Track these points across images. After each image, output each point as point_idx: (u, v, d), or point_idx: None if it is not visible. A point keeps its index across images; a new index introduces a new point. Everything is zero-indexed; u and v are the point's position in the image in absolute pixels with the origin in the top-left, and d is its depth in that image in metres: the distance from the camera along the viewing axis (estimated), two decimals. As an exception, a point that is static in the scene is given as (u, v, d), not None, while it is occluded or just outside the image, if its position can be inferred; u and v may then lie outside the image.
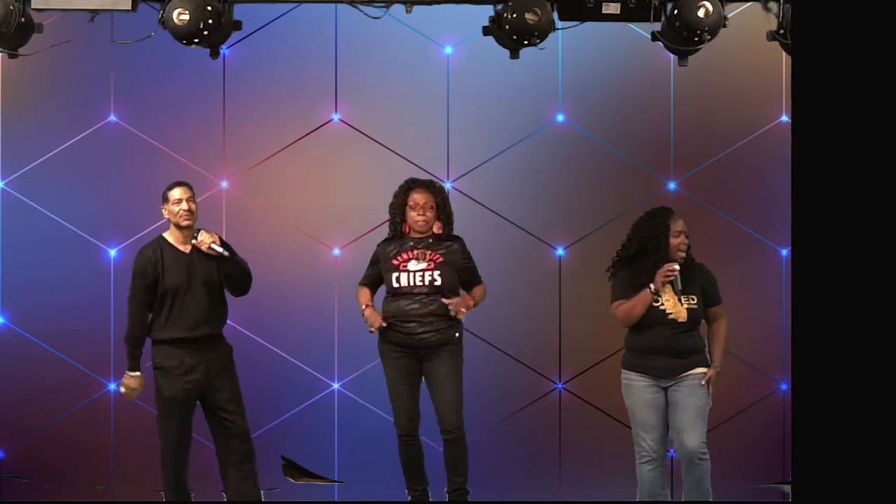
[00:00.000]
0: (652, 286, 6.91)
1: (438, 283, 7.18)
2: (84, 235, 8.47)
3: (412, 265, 7.21)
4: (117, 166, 8.49)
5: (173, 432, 7.07)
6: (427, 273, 7.19)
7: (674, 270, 6.90)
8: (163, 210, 7.11)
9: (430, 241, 7.26)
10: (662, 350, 6.95)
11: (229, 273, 7.07)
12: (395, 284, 7.19)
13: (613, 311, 7.04)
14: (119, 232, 8.48)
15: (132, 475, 8.38)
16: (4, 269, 8.46)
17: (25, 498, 8.34)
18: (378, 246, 7.37)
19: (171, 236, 7.10)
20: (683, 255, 6.98)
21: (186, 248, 7.06)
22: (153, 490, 8.00)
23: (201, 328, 7.02)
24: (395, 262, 7.23)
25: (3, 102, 8.43)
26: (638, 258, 7.03)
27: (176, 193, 7.05)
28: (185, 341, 7.02)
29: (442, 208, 7.30)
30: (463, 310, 7.20)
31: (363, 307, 7.28)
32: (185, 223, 7.03)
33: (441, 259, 7.21)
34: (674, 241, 6.98)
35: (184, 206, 7.02)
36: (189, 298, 7.01)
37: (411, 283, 7.18)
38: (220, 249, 7.00)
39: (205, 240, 7.02)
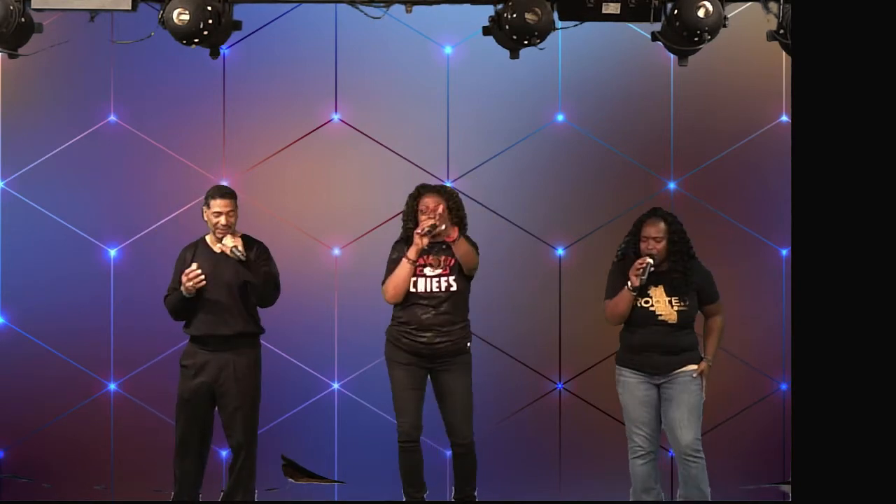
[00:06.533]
0: (629, 284, 7.01)
1: (455, 288, 7.17)
2: (84, 235, 8.47)
3: (428, 271, 7.19)
4: (117, 166, 8.48)
5: (178, 430, 7.21)
6: (444, 278, 7.17)
7: (643, 264, 6.99)
8: (203, 211, 7.20)
9: (444, 246, 7.23)
10: (654, 348, 7.06)
11: (250, 280, 7.13)
12: (412, 289, 7.17)
13: (604, 311, 7.17)
14: (119, 232, 8.48)
15: (132, 475, 8.38)
16: (4, 269, 8.46)
17: (25, 498, 8.33)
18: (394, 247, 7.32)
19: (210, 237, 7.25)
20: (654, 255, 7.04)
21: (217, 248, 7.16)
22: (153, 490, 8.00)
23: (215, 327, 7.11)
24: None
25: (3, 102, 8.43)
26: (623, 259, 7.20)
27: (217, 206, 7.14)
28: (201, 340, 7.15)
29: (455, 212, 7.29)
30: (443, 227, 7.09)
31: (411, 255, 7.14)
32: (218, 235, 7.16)
33: (455, 263, 7.21)
34: (642, 246, 7.08)
35: (222, 220, 7.14)
36: (208, 298, 7.12)
37: (428, 290, 7.17)
38: (239, 254, 7.06)
39: (227, 243, 7.10)
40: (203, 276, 7.06)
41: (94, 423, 8.46)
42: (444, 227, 7.12)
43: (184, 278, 7.06)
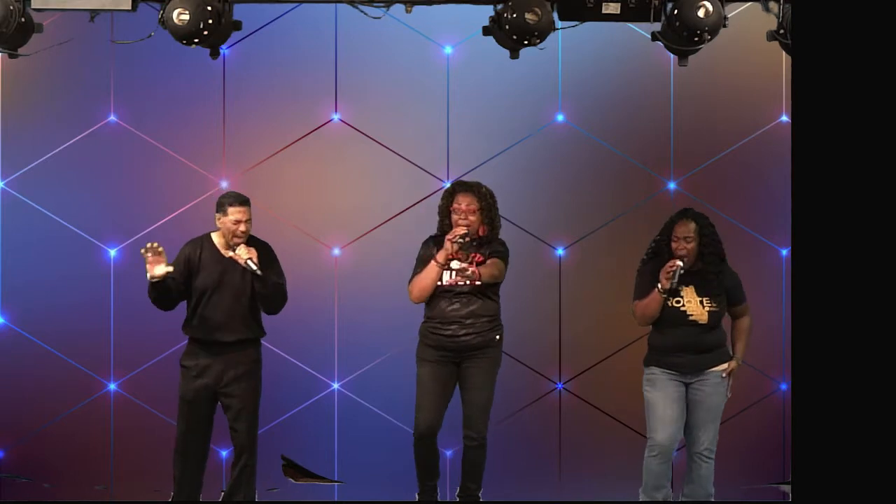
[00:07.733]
0: (659, 286, 6.98)
1: (479, 281, 7.18)
2: (84, 235, 8.47)
3: (454, 264, 7.20)
4: (117, 166, 8.48)
5: (180, 431, 7.21)
6: (468, 272, 7.18)
7: (673, 266, 6.98)
8: (216, 217, 7.15)
9: (474, 243, 7.24)
10: (685, 349, 7.07)
11: (260, 290, 7.11)
12: (437, 282, 7.20)
13: (633, 311, 7.16)
14: (119, 232, 8.48)
15: (132, 475, 8.38)
16: (4, 269, 8.46)
17: (25, 498, 8.33)
18: (424, 243, 7.36)
19: (217, 237, 7.19)
20: (684, 257, 7.03)
21: (227, 253, 7.12)
22: (153, 490, 8.00)
23: (220, 333, 7.11)
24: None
25: (3, 102, 8.43)
26: (653, 259, 7.19)
27: (236, 213, 7.07)
28: (203, 343, 7.14)
29: (486, 212, 7.29)
30: (469, 271, 7.08)
31: (440, 259, 7.16)
32: (235, 243, 7.10)
33: (483, 259, 7.21)
34: (673, 246, 7.07)
35: (242, 227, 7.08)
36: (214, 302, 7.12)
37: (453, 282, 7.18)
38: (254, 266, 7.03)
39: (241, 254, 7.05)
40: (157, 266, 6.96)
41: (94, 423, 8.45)
42: (470, 271, 7.10)
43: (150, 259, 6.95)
